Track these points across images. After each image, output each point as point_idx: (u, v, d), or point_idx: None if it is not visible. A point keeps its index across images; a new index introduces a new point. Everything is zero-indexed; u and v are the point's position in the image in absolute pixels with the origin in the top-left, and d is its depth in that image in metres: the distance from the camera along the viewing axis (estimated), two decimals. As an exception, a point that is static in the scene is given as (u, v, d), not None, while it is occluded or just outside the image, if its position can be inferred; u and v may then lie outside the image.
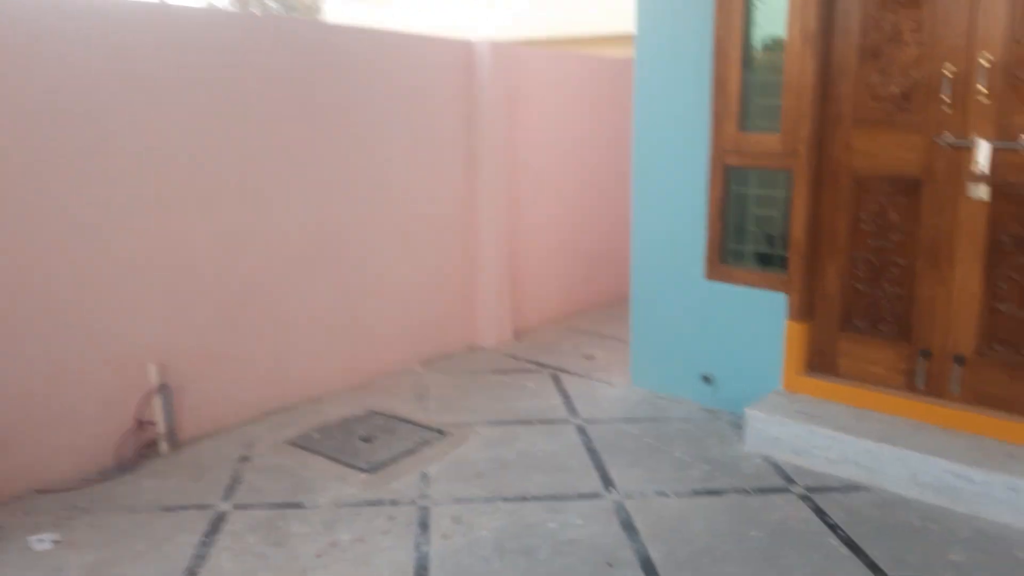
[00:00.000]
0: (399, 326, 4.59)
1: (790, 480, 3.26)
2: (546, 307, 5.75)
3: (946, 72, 3.12)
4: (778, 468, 3.36)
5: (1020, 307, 3.13)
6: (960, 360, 3.30)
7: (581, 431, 3.75)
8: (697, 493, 3.16)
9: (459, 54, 4.69)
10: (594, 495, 3.15)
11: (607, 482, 3.25)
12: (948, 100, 3.14)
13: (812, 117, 3.41)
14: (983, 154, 3.03)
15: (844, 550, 2.74)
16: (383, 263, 4.44)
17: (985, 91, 3.05)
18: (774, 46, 3.50)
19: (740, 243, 3.82)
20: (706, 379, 3.99)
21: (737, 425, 3.76)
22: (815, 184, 3.51)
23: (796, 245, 3.56)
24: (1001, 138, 3.04)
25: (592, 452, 3.52)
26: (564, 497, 3.13)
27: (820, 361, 3.69)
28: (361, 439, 3.65)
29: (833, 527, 2.89)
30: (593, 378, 4.50)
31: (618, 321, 5.75)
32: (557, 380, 4.47)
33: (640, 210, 4.09)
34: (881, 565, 2.65)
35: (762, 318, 3.73)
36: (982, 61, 3.04)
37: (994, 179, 3.07)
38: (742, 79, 3.58)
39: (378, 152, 4.30)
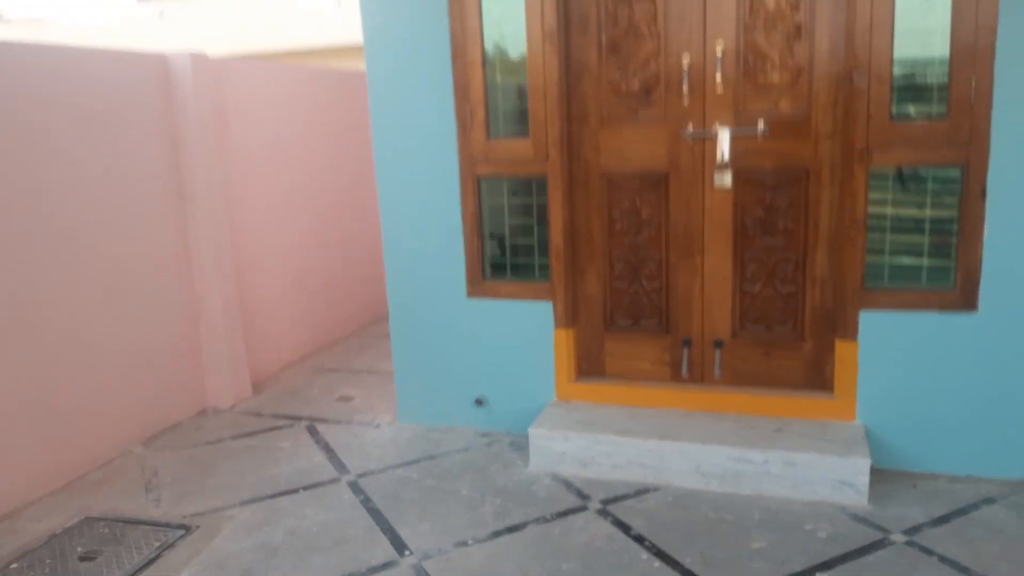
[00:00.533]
0: (110, 403, 3.73)
1: (583, 496, 3.09)
2: (287, 348, 5.14)
3: (684, 64, 3.15)
4: (569, 485, 3.18)
5: (766, 286, 3.26)
6: (719, 344, 3.37)
7: (356, 489, 3.28)
8: (497, 534, 2.86)
9: (153, 70, 3.95)
10: (388, 564, 2.72)
11: (399, 545, 2.83)
12: (687, 92, 3.17)
13: (560, 118, 3.29)
14: (724, 142, 3.10)
15: (657, 563, 2.61)
16: (84, 330, 3.57)
17: (720, 80, 3.11)
18: (515, 46, 3.32)
19: (501, 256, 3.61)
20: (479, 402, 3.73)
21: (518, 446, 3.54)
22: (569, 188, 3.40)
23: (556, 251, 3.43)
24: (740, 125, 3.13)
25: (374, 512, 3.08)
26: None
27: (589, 365, 3.60)
28: (80, 559, 2.84)
29: (639, 539, 2.75)
30: (355, 422, 4.03)
31: (370, 352, 5.31)
32: (314, 432, 3.93)
33: (390, 232, 3.72)
34: (696, 571, 2.55)
35: (530, 330, 3.55)
36: (716, 50, 3.10)
37: (736, 166, 3.16)
38: (485, 83, 3.36)
39: (63, 195, 3.45)
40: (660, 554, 2.66)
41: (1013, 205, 2.77)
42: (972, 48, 2.72)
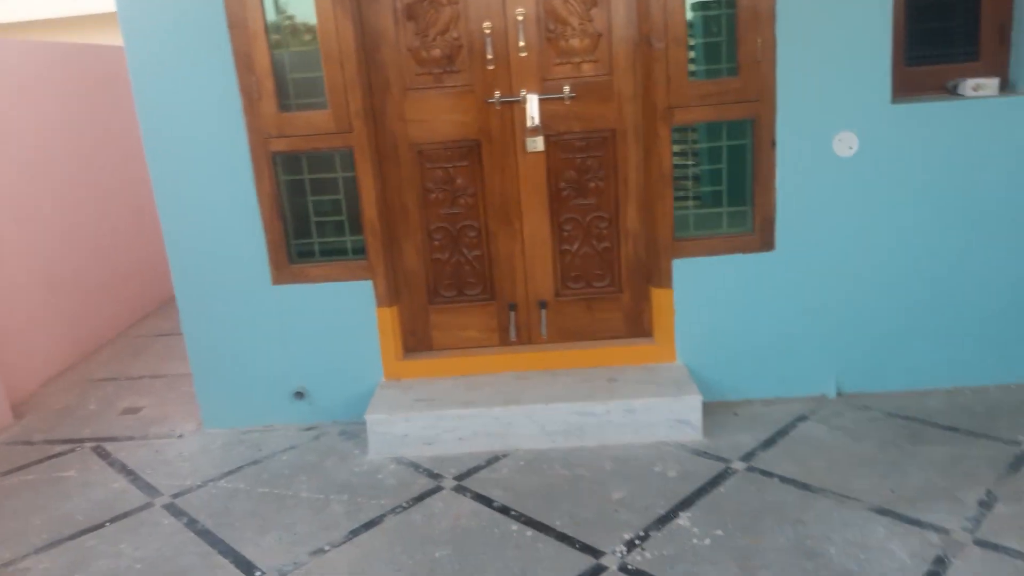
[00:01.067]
0: None
1: (435, 475, 3.04)
2: (46, 360, 4.46)
3: (486, 30, 3.09)
4: (417, 467, 3.11)
5: (584, 244, 3.38)
6: (544, 304, 3.45)
7: (175, 511, 2.95)
8: (355, 533, 2.72)
9: None
10: (242, 592, 2.49)
11: (247, 567, 2.58)
12: (491, 58, 3.12)
13: (361, 87, 3.09)
14: (533, 107, 3.11)
15: (529, 531, 2.64)
16: None
17: (524, 46, 3.10)
18: (302, 12, 3.04)
19: (308, 236, 3.36)
20: (299, 395, 3.50)
21: (350, 434, 3.40)
22: (378, 160, 3.23)
23: (371, 227, 3.26)
24: (547, 91, 3.15)
25: (205, 534, 2.78)
26: (207, 613, 2.40)
27: (416, 341, 3.52)
28: None
29: (504, 511, 2.77)
30: (152, 436, 3.61)
31: (147, 354, 4.78)
32: (104, 454, 3.46)
33: (172, 222, 3.30)
34: (569, 533, 2.62)
35: (350, 312, 3.37)
36: (517, 16, 3.07)
37: (546, 131, 3.19)
38: (271, 53, 3.05)
39: None
40: (530, 522, 2.69)
41: (799, 153, 3.10)
42: (755, 10, 2.95)
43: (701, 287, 3.27)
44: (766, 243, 3.20)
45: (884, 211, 3.17)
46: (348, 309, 3.37)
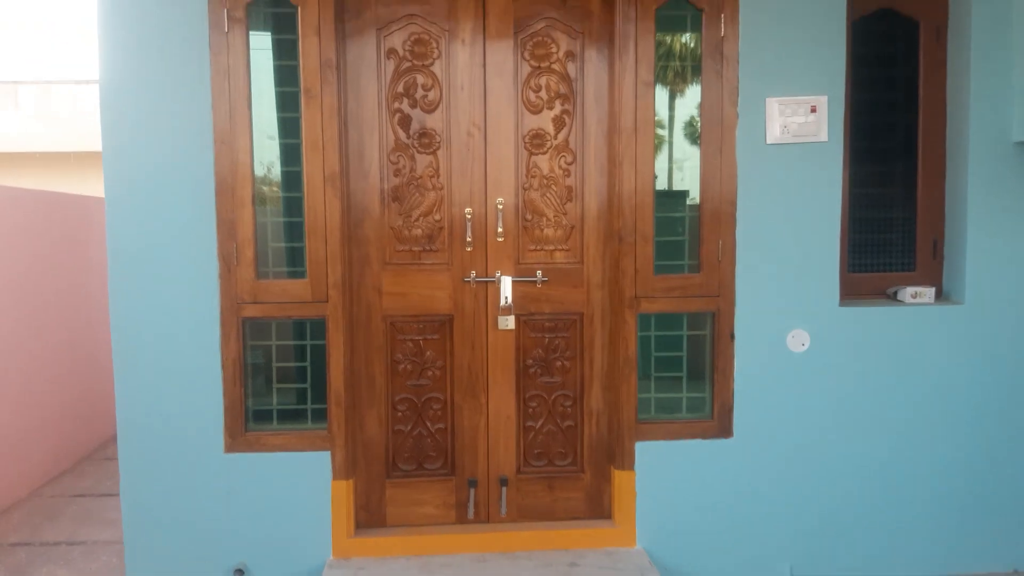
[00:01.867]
0: None
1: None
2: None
3: (467, 215, 3.25)
4: (366, 657, 2.92)
5: (548, 422, 3.41)
6: (504, 481, 3.41)
7: None
8: None
9: None
10: None
11: None
12: (470, 240, 3.26)
13: (342, 260, 3.16)
14: (506, 288, 3.24)
15: None
16: None
17: (502, 231, 3.27)
18: (292, 186, 3.15)
19: (268, 403, 3.28)
20: (239, 572, 3.29)
21: (294, 618, 3.18)
22: (349, 329, 3.26)
23: (336, 397, 3.23)
24: (520, 274, 3.30)
25: None
26: None
27: (368, 516, 3.40)
28: None
29: None
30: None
31: (63, 518, 4.44)
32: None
33: (125, 376, 3.18)
34: None
35: (303, 484, 3.25)
36: (498, 205, 3.26)
37: (518, 310, 3.30)
38: (255, 221, 3.12)
39: None
40: None
41: (756, 346, 3.28)
42: (717, 214, 3.21)
43: (662, 470, 3.31)
44: (724, 430, 3.30)
45: (834, 404, 3.34)
46: (301, 481, 3.25)
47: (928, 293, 3.34)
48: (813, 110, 3.16)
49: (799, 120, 3.16)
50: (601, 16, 3.26)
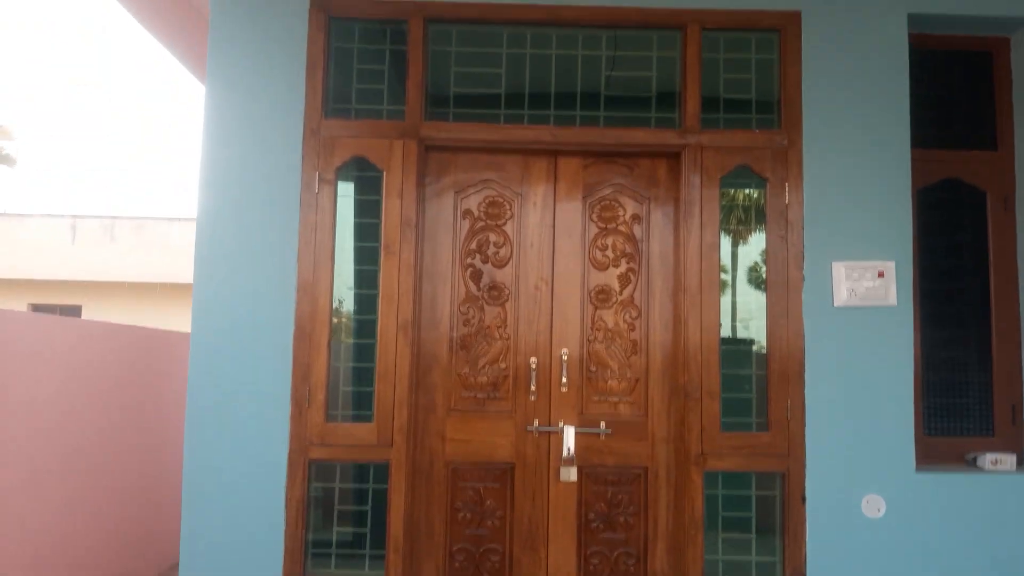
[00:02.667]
0: None
1: None
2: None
3: (532, 364, 3.32)
4: None
5: (609, 581, 3.30)
6: (562, 643, 3.27)
7: None
8: None
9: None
10: None
11: None
12: (534, 390, 3.31)
13: (409, 405, 3.23)
14: (569, 439, 3.24)
15: None
16: None
17: (565, 381, 3.31)
18: (366, 333, 3.29)
19: (327, 546, 3.28)
20: None
21: None
22: (412, 476, 3.28)
23: (395, 544, 3.21)
24: (583, 424, 3.30)
25: None
26: None
27: (421, 673, 3.28)
28: None
29: None
30: None
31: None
32: None
33: (193, 516, 3.23)
34: None
35: (358, 635, 3.18)
36: (562, 356, 3.33)
37: (580, 462, 3.28)
38: (329, 366, 3.24)
39: None
40: None
41: (828, 509, 3.16)
42: (786, 373, 3.20)
43: (731, 641, 3.13)
44: (798, 599, 3.14)
45: (913, 573, 3.15)
46: (357, 629, 3.19)
47: (1009, 460, 3.21)
48: (881, 275, 3.18)
49: (867, 284, 3.18)
50: (667, 183, 3.42)
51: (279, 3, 3.37)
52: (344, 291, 3.33)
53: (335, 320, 3.30)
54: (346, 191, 3.38)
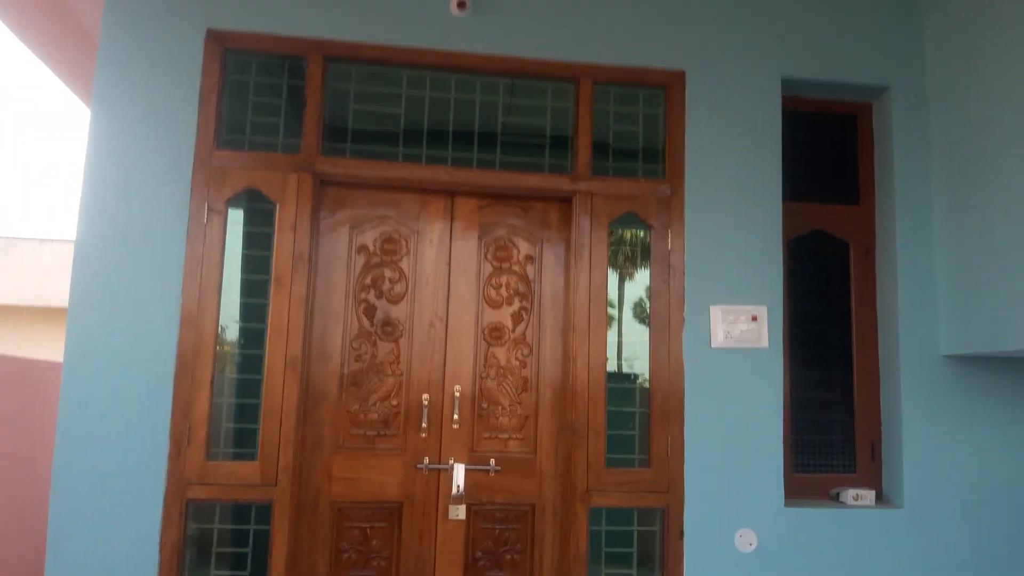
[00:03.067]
0: None
1: None
2: None
3: (424, 401, 3.33)
4: None
5: (495, 621, 3.30)
6: None
7: None
8: None
9: None
10: None
11: None
12: (426, 426, 3.31)
13: (295, 443, 3.17)
14: (459, 476, 3.25)
15: None
16: None
17: (457, 418, 3.33)
18: (251, 369, 3.21)
19: (204, 593, 3.14)
20: None
21: None
22: (296, 516, 3.20)
23: (276, 588, 3.11)
24: (474, 461, 3.33)
25: None
26: None
27: None
28: None
29: None
30: None
31: None
32: None
33: (56, 558, 3.04)
34: None
35: None
36: (455, 392, 3.35)
37: (469, 499, 3.29)
38: (211, 402, 3.14)
39: None
40: None
41: (704, 543, 3.28)
42: (667, 411, 3.33)
43: None
44: (674, 632, 3.23)
45: (781, 607, 3.31)
46: None
47: (869, 496, 3.43)
48: (754, 319, 3.38)
49: (741, 327, 3.37)
50: (559, 225, 3.53)
51: (173, 32, 3.32)
52: (230, 324, 3.25)
53: (220, 354, 3.21)
54: (236, 223, 3.32)
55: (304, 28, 3.40)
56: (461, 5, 3.43)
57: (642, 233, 3.50)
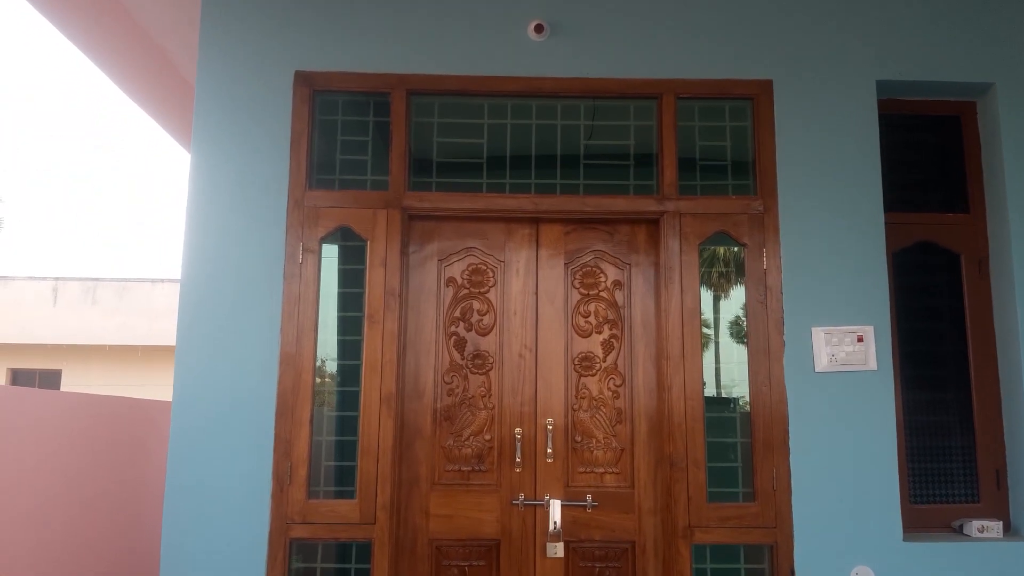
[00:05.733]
0: None
1: None
2: None
3: (516, 435, 3.29)
4: None
5: (597, 660, 3.21)
6: None
7: None
8: None
9: None
10: None
11: None
12: (519, 461, 3.27)
13: (392, 481, 3.18)
14: (555, 513, 3.19)
15: None
16: None
17: (551, 452, 3.28)
18: (348, 406, 3.25)
19: (308, 631, 3.18)
20: None
21: None
22: (395, 554, 3.21)
23: (378, 625, 3.11)
24: (569, 497, 3.26)
25: None
26: None
27: None
28: None
29: None
30: None
31: None
32: None
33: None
34: None
35: None
36: (547, 425, 3.30)
37: (567, 536, 3.23)
38: (311, 441, 3.19)
39: None
40: None
41: (819, 580, 3.12)
42: (770, 441, 3.18)
43: None
44: None
45: (905, 648, 3.09)
46: None
47: (995, 527, 3.18)
48: (860, 339, 3.20)
49: (847, 349, 3.20)
50: (647, 248, 3.44)
51: (264, 76, 3.42)
52: (327, 362, 3.31)
53: (318, 392, 3.26)
54: (330, 261, 3.38)
55: (387, 64, 3.44)
56: (538, 29, 3.41)
57: (735, 252, 3.37)
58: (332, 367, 3.33)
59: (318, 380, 3.27)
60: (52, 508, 4.60)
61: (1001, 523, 3.23)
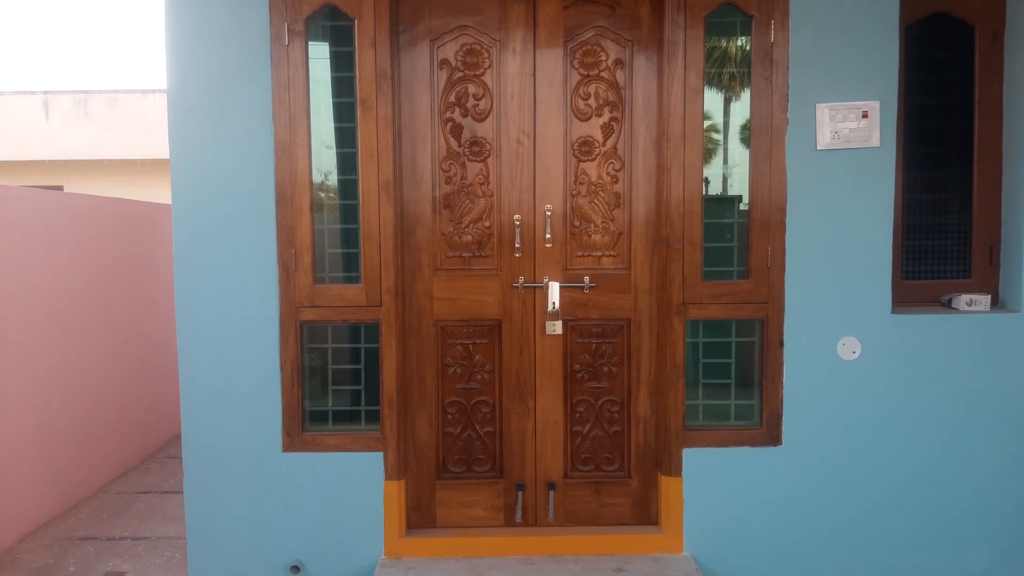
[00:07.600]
0: None
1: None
2: (21, 515, 4.30)
3: (515, 221, 3.32)
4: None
5: (595, 427, 3.44)
6: (552, 486, 3.45)
7: None
8: None
9: None
10: None
11: None
12: (519, 246, 3.32)
13: (395, 266, 3.25)
14: (554, 294, 3.28)
15: None
16: None
17: (550, 237, 3.32)
18: (348, 194, 3.26)
19: (322, 405, 3.39)
20: (295, 569, 3.38)
21: (346, 615, 3.26)
22: (402, 334, 3.34)
23: (388, 400, 3.31)
24: (568, 280, 3.34)
25: None
26: None
27: (419, 517, 3.47)
28: None
29: None
30: (135, 605, 3.45)
31: (128, 514, 4.63)
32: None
33: (190, 381, 3.32)
34: None
35: (356, 484, 3.34)
36: (546, 211, 3.31)
37: (565, 316, 3.34)
38: (313, 228, 3.23)
39: None
40: None
41: (805, 354, 3.26)
42: (767, 220, 3.21)
43: (709, 477, 3.31)
44: (773, 437, 3.29)
45: (886, 413, 3.29)
46: (355, 480, 3.34)
47: (984, 301, 3.28)
48: (865, 115, 3.13)
49: (850, 126, 3.14)
50: (650, 23, 3.29)
51: None
52: (323, 151, 3.27)
53: (316, 181, 3.25)
54: (317, 44, 3.25)
55: None
56: None
57: (741, 25, 3.22)
58: (328, 155, 3.29)
59: (315, 169, 3.25)
60: (65, 308, 4.75)
61: (989, 297, 3.32)
